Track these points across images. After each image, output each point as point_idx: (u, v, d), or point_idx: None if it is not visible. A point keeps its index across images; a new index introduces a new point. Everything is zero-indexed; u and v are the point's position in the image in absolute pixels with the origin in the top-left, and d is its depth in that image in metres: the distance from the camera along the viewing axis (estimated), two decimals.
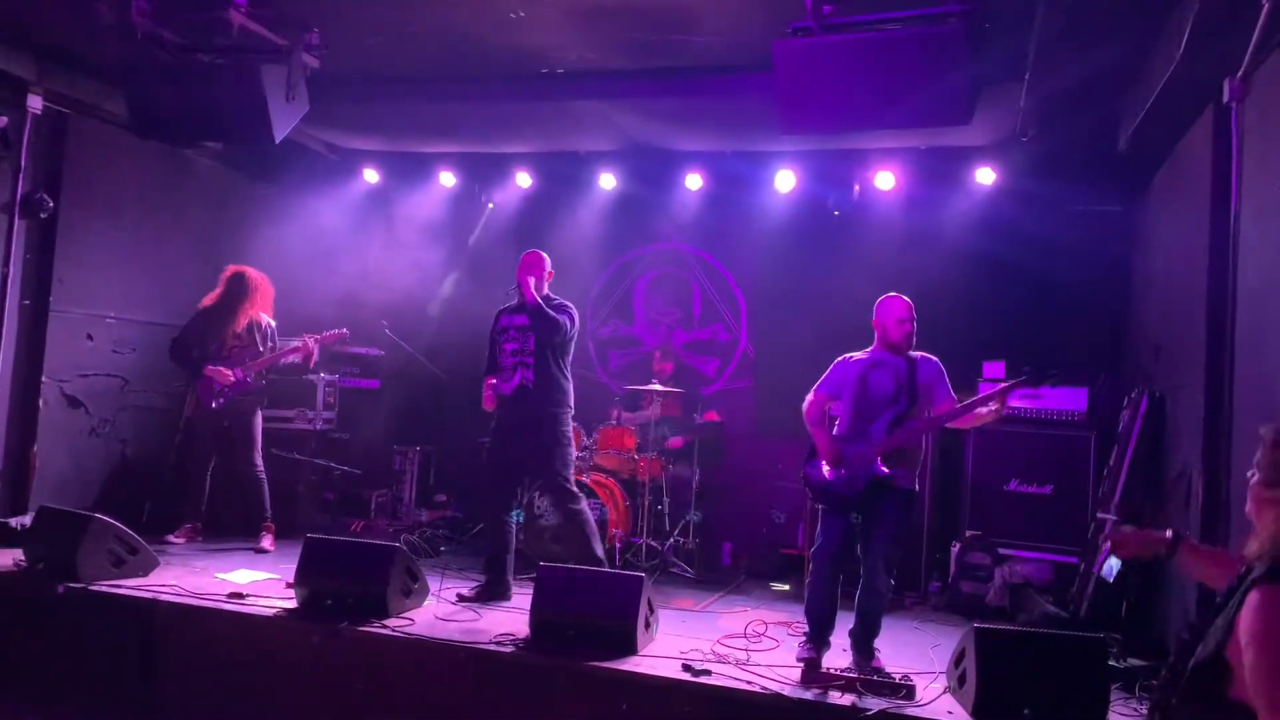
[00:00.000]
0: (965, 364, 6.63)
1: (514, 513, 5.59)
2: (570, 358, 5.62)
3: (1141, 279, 6.31)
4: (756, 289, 8.02)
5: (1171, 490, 5.13)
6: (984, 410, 4.45)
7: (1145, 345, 6.02)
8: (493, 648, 4.31)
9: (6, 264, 6.22)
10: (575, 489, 5.57)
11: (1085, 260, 6.57)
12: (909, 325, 4.62)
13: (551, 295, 5.59)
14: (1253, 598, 2.07)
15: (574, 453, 5.68)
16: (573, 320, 5.49)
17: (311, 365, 6.70)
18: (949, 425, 4.60)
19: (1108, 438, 5.93)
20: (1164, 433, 5.43)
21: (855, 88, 4.39)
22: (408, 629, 4.51)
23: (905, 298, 4.71)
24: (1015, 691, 3.71)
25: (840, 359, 4.79)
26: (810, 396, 4.76)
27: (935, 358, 4.69)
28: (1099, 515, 5.66)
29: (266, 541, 6.39)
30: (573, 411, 5.61)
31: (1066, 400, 6.22)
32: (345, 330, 6.77)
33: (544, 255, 5.60)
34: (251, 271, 6.61)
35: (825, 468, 4.53)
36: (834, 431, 4.67)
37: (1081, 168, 6.43)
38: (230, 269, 6.60)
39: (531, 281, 5.38)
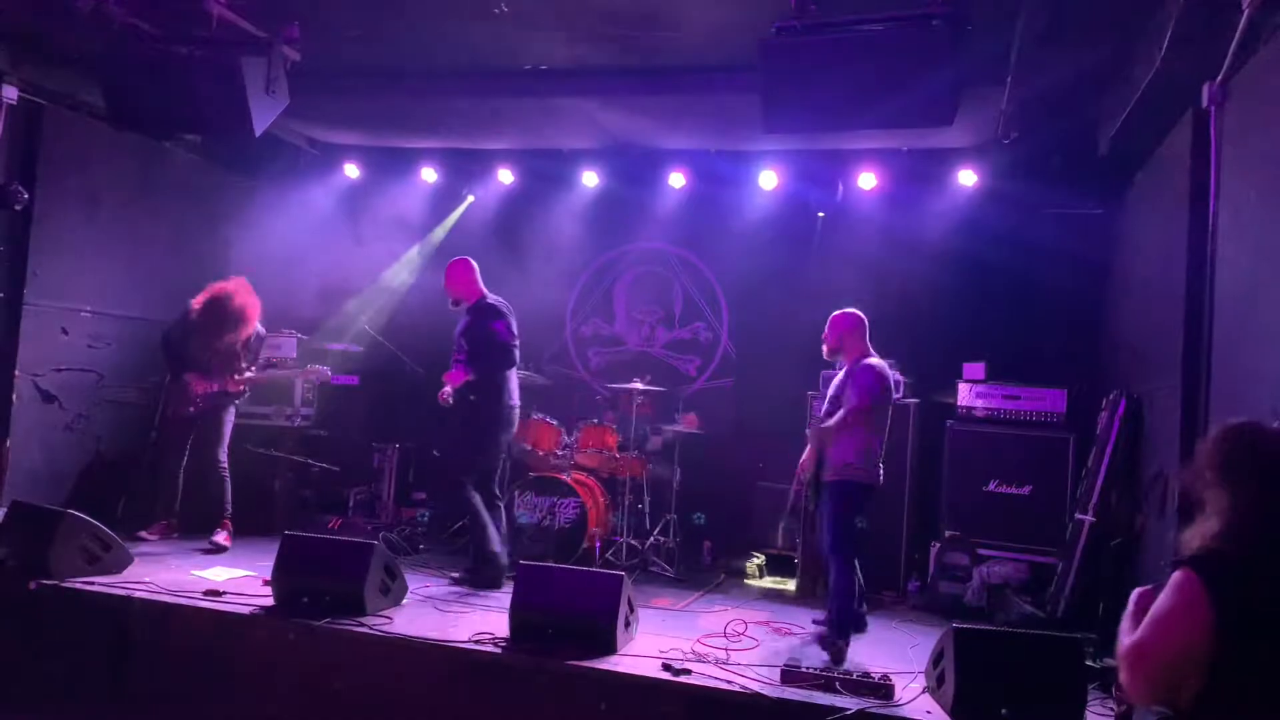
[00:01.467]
0: (945, 364, 6.68)
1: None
2: (509, 358, 5.81)
3: (1121, 281, 6.35)
4: (738, 288, 8.02)
5: (1148, 492, 5.17)
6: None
7: (1124, 347, 6.07)
8: (471, 647, 4.28)
9: None
10: (470, 486, 5.76)
11: (1065, 262, 6.61)
12: (825, 340, 5.06)
13: (486, 296, 5.92)
14: (1173, 578, 2.23)
15: (495, 458, 5.94)
16: (504, 330, 5.77)
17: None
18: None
19: (1086, 439, 5.96)
20: (1142, 435, 5.47)
21: (838, 87, 4.39)
22: (385, 627, 4.48)
23: (844, 312, 5.05)
24: (994, 691, 3.73)
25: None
26: None
27: (872, 364, 4.90)
28: (1077, 516, 5.69)
29: (222, 537, 6.23)
30: (511, 409, 5.87)
31: (1046, 401, 6.25)
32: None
33: (465, 261, 5.97)
34: (236, 294, 6.27)
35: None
36: None
37: (1062, 170, 6.47)
38: (217, 288, 6.29)
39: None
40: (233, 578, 5.34)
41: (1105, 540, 5.42)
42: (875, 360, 4.93)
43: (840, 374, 5.03)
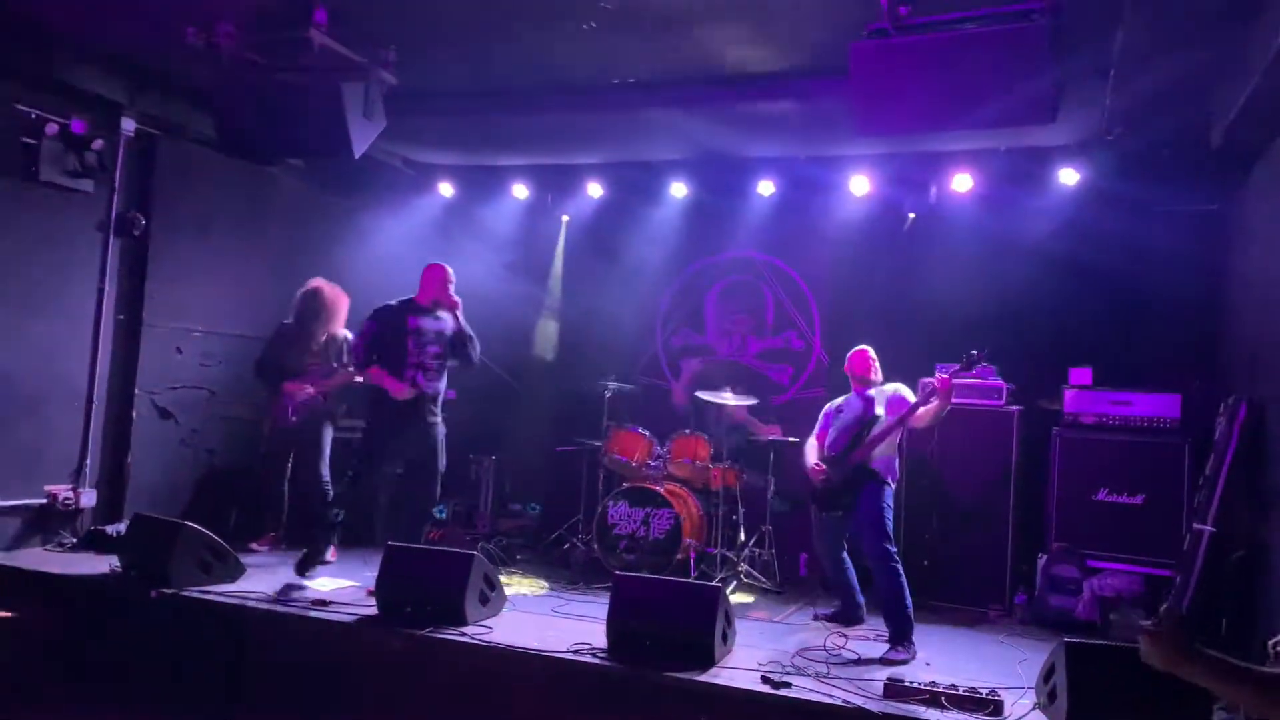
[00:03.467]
0: (1050, 370, 6.46)
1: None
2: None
3: (1238, 279, 6.04)
4: (830, 295, 7.92)
5: (1273, 501, 4.90)
6: (931, 406, 5.27)
7: (1243, 349, 5.77)
8: (570, 657, 4.32)
9: (103, 280, 6.48)
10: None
11: (1176, 262, 6.32)
12: (869, 374, 5.59)
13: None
14: None
15: None
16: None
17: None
18: (915, 426, 5.46)
19: (1203, 446, 5.68)
20: (1265, 442, 5.18)
21: (934, 89, 4.29)
22: (486, 637, 4.55)
23: (866, 350, 5.67)
24: (1109, 709, 3.59)
25: (825, 408, 5.90)
26: (810, 441, 5.87)
27: (895, 387, 5.55)
28: (1195, 526, 5.43)
29: (327, 553, 6.30)
30: None
31: (1158, 407, 5.99)
32: None
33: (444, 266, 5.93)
34: (324, 287, 6.65)
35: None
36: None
37: (1171, 166, 6.19)
38: (305, 286, 6.67)
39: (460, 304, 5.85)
40: (338, 588, 5.49)
41: (1226, 552, 5.15)
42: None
43: (851, 405, 5.63)
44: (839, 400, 5.78)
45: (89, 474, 6.43)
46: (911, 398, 5.48)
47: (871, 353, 5.67)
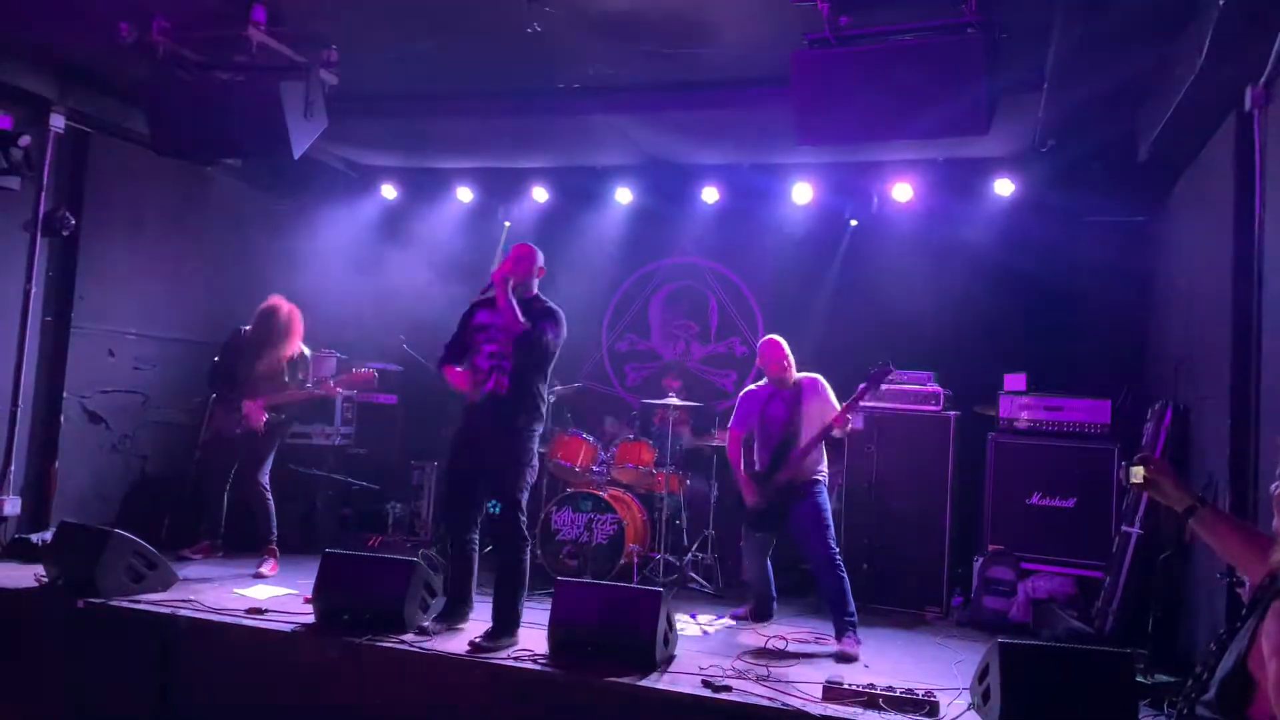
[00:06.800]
0: (986, 376, 6.59)
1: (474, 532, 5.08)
2: (551, 369, 5.04)
3: (1164, 289, 6.24)
4: (774, 302, 7.99)
5: None
6: (834, 433, 5.30)
7: (1168, 356, 5.96)
8: (511, 663, 4.29)
9: (30, 281, 6.29)
10: (524, 524, 4.83)
11: (1106, 271, 6.51)
12: (785, 364, 5.49)
13: (541, 296, 5.06)
14: (1276, 607, 2.06)
15: (533, 478, 4.93)
16: (556, 332, 4.88)
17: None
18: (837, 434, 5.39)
19: (1131, 450, 5.84)
20: (1189, 445, 5.36)
21: (872, 99, 4.37)
22: (425, 644, 4.50)
23: (778, 340, 5.56)
24: (1041, 708, 3.66)
25: (742, 393, 5.78)
26: (728, 435, 5.72)
27: (817, 376, 5.52)
28: (1123, 528, 5.58)
29: (267, 567, 6.10)
30: (542, 429, 5.03)
31: (1089, 412, 6.14)
32: (374, 373, 6.65)
33: (535, 249, 5.04)
34: (284, 307, 6.37)
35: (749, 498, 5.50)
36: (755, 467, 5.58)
37: (1102, 178, 6.38)
38: (266, 303, 6.39)
39: (516, 305, 4.78)
40: (275, 596, 5.39)
41: (1154, 552, 5.31)
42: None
43: (779, 395, 5.51)
44: (754, 387, 5.69)
45: (13, 480, 6.22)
46: (826, 386, 5.48)
47: (783, 345, 5.54)
